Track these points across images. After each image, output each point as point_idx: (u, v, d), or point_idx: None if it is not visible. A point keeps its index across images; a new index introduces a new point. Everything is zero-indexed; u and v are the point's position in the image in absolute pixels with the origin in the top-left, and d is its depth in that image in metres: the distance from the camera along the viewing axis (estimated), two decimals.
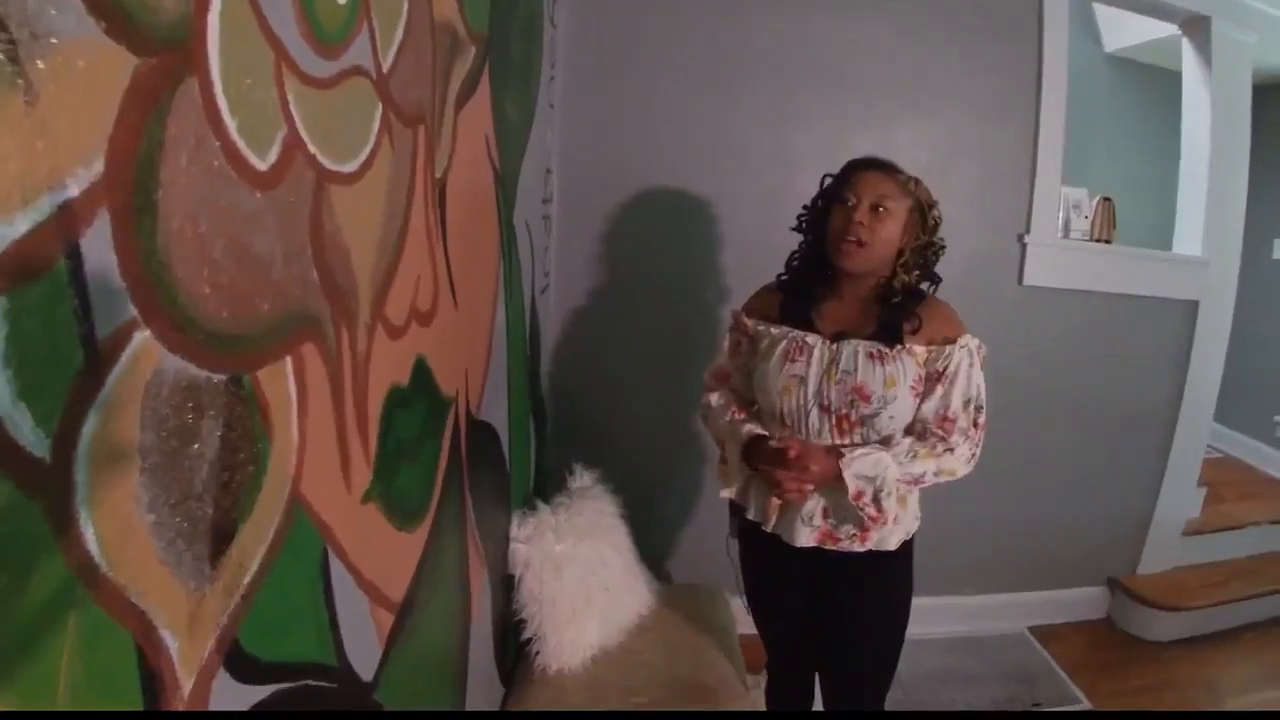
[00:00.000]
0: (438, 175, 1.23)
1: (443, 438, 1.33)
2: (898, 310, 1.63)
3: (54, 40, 0.44)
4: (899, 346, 1.60)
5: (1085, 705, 2.81)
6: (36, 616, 0.46)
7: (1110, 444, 3.21)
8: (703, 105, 2.66)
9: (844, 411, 1.60)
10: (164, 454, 0.56)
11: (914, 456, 1.61)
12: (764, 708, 2.11)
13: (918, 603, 1.81)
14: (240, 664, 0.69)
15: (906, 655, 2.60)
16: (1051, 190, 2.91)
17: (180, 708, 0.61)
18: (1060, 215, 3.33)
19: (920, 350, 1.61)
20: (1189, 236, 3.23)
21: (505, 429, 1.90)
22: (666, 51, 2.61)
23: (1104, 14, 4.33)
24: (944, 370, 1.61)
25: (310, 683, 0.84)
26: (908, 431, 1.66)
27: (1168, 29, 3.37)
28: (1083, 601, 3.38)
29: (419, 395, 1.17)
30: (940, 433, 1.63)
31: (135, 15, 0.50)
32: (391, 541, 1.09)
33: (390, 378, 1.04)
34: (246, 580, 0.69)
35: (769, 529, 1.74)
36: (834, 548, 1.67)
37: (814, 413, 1.63)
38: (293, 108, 0.70)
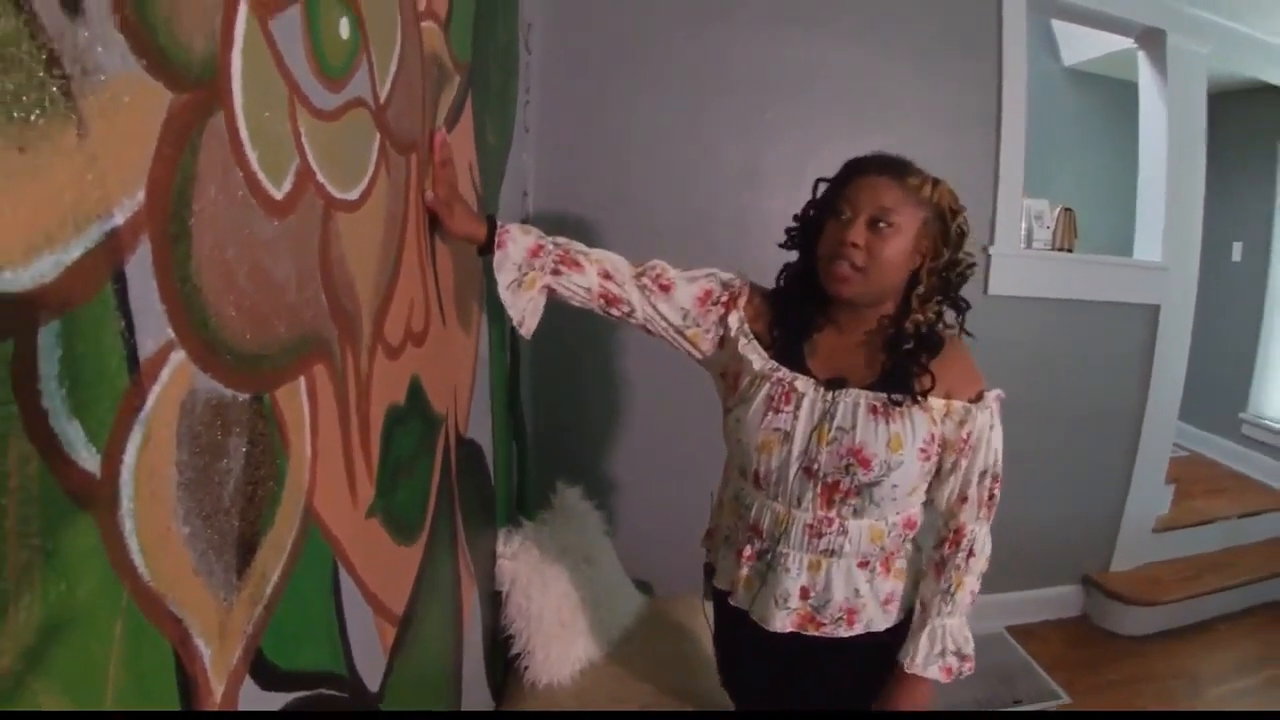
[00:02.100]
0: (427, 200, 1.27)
1: (435, 455, 1.36)
2: (908, 359, 1.33)
3: (102, 77, 0.47)
4: (908, 399, 1.31)
5: (1065, 701, 2.87)
6: (86, 623, 0.48)
7: (1079, 445, 3.31)
8: (674, 125, 2.71)
9: (835, 479, 1.32)
10: (197, 469, 0.59)
11: (951, 595, 1.39)
12: None
13: None
14: (264, 672, 0.71)
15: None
16: (1014, 202, 3.00)
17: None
18: (1023, 226, 3.42)
19: (938, 404, 1.33)
20: (1149, 243, 3.35)
21: (490, 447, 1.92)
22: (639, 73, 2.67)
23: (1062, 29, 4.47)
24: (966, 439, 1.33)
25: (325, 691, 0.86)
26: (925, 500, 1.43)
27: (1124, 42, 3.48)
28: (1059, 600, 3.47)
29: (414, 414, 1.20)
30: (950, 534, 1.40)
31: (171, 53, 0.53)
32: (392, 556, 1.11)
33: (389, 397, 1.07)
34: (268, 591, 0.71)
35: (735, 603, 1.51)
36: (816, 633, 1.42)
37: (797, 477, 1.35)
38: (304, 139, 0.74)
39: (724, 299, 1.48)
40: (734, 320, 1.46)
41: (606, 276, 1.47)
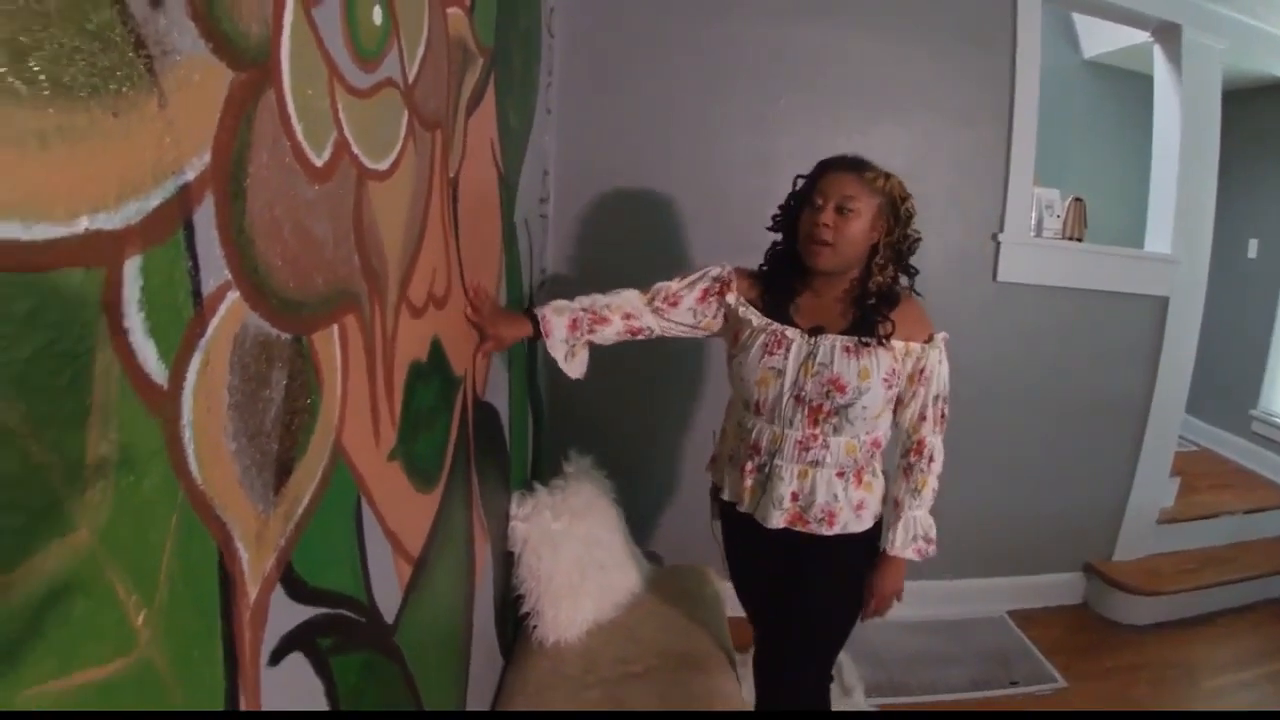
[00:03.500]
0: (451, 175, 1.36)
1: (453, 413, 1.46)
2: (873, 311, 1.70)
3: (178, 57, 0.57)
4: (874, 341, 1.68)
5: (1061, 685, 2.92)
6: (148, 511, 0.57)
7: (1084, 435, 3.34)
8: (692, 109, 2.79)
9: (818, 403, 1.70)
10: (245, 394, 0.69)
11: (918, 492, 1.77)
12: (752, 681, 2.20)
13: None
14: (293, 583, 0.81)
15: (887, 636, 2.70)
16: (1024, 191, 3.05)
17: (247, 613, 0.72)
18: (1033, 215, 3.46)
19: (898, 345, 1.70)
20: (1160, 235, 3.36)
21: (506, 412, 2.02)
22: (657, 59, 2.75)
23: (1082, 22, 4.48)
24: (922, 371, 1.71)
25: (345, 613, 0.96)
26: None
27: (1142, 35, 3.49)
28: (1060, 586, 3.50)
29: (435, 371, 1.30)
30: (914, 445, 1.77)
31: (232, 38, 0.63)
32: (410, 499, 1.21)
33: (412, 353, 1.17)
34: (300, 511, 0.81)
35: (742, 509, 1.86)
36: (803, 529, 1.78)
37: (789, 403, 1.72)
38: (341, 114, 0.84)
39: (718, 289, 1.85)
40: (731, 299, 1.84)
41: (627, 316, 1.85)
